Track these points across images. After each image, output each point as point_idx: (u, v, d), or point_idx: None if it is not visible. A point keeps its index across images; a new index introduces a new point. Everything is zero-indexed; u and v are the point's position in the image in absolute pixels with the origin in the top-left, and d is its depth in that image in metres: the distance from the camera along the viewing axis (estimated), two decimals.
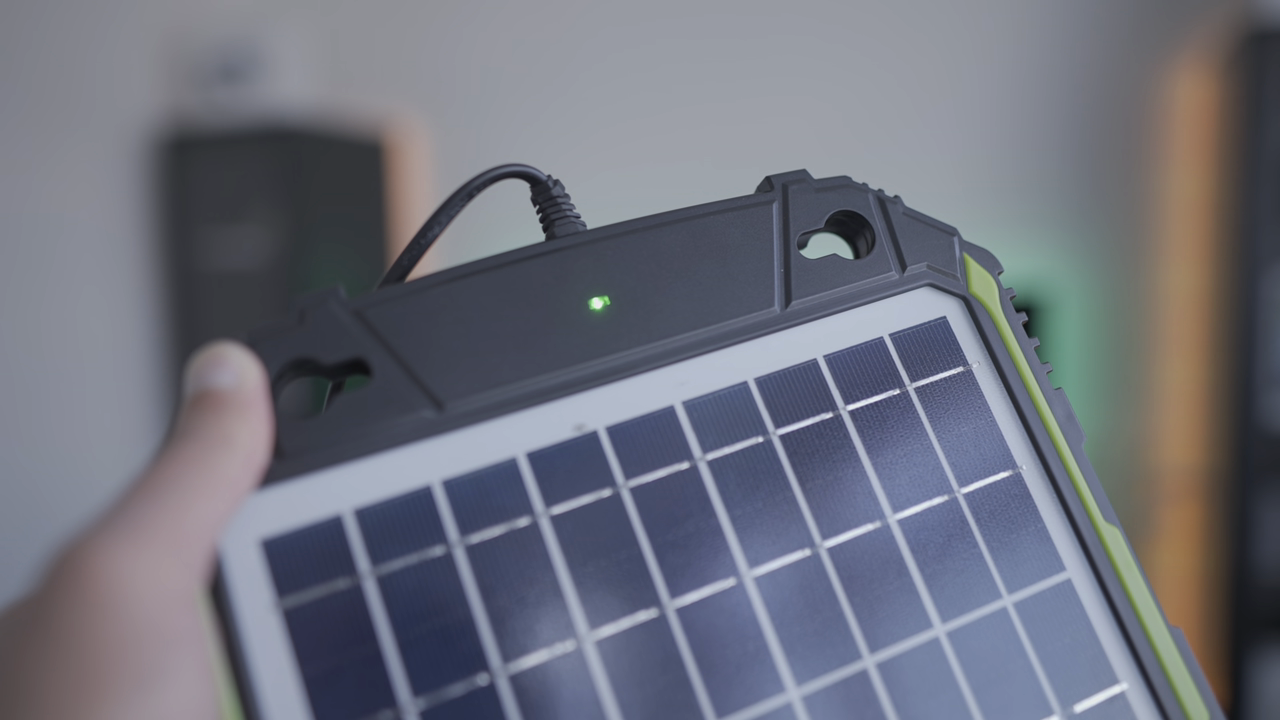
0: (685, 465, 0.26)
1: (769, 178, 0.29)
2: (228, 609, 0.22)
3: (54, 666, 0.19)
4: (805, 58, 2.12)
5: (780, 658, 0.24)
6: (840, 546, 0.26)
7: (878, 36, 2.07)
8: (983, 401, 0.28)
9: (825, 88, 2.11)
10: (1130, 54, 1.91)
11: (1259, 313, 1.63)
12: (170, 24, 2.51)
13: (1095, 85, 1.94)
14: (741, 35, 2.15)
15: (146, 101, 2.53)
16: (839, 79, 2.10)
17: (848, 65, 2.09)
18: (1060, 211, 1.97)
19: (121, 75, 2.54)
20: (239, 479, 0.22)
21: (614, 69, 2.23)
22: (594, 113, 2.25)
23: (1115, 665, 0.26)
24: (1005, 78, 1.99)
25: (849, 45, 2.09)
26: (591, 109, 2.26)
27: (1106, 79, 1.93)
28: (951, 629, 0.25)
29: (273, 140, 2.14)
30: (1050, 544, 0.27)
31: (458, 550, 0.24)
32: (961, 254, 0.29)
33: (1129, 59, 1.92)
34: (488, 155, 2.33)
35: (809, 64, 2.11)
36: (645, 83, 2.21)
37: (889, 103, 2.07)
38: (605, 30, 2.23)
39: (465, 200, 0.29)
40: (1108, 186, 1.95)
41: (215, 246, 2.22)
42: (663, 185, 2.21)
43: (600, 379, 0.26)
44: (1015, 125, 2.00)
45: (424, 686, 0.22)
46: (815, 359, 0.27)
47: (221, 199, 2.20)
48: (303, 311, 0.25)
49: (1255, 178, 1.59)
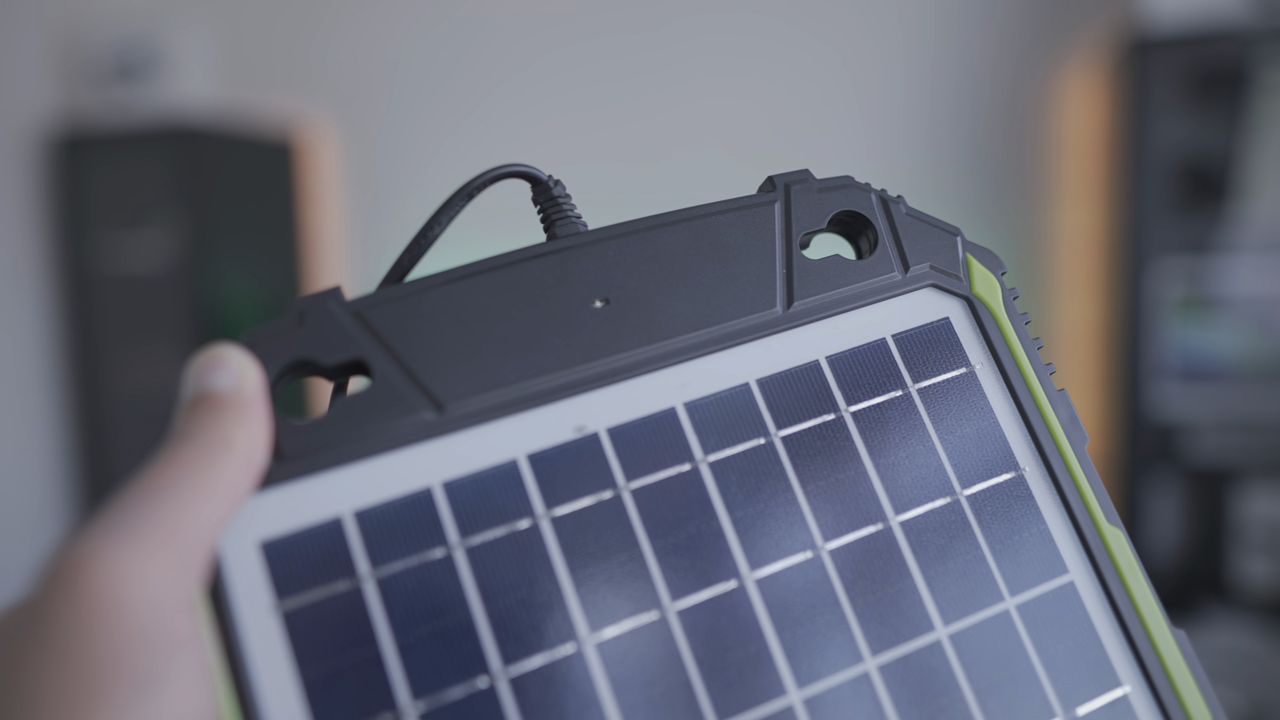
0: (687, 467, 0.25)
1: (771, 178, 0.29)
2: (227, 611, 0.22)
3: (51, 670, 0.19)
4: (712, 55, 2.11)
5: (782, 660, 0.24)
6: (843, 549, 0.25)
7: (785, 35, 2.08)
8: (985, 403, 0.28)
9: (732, 84, 2.10)
10: (1025, 59, 1.97)
11: (1146, 308, 1.71)
12: (64, 20, 2.41)
13: (993, 89, 1.99)
14: (651, 29, 2.13)
15: (39, 100, 2.42)
16: (746, 75, 2.10)
17: (755, 62, 2.09)
18: (958, 210, 2.00)
19: (12, 73, 2.43)
20: (238, 481, 0.22)
21: (526, 64, 2.19)
22: (507, 109, 2.21)
23: (1118, 668, 0.26)
24: (909, 78, 2.03)
25: (756, 43, 2.09)
26: (505, 106, 2.21)
27: (1003, 83, 1.98)
28: (954, 631, 0.25)
29: (173, 140, 2.03)
30: (1053, 546, 0.27)
31: (458, 552, 0.24)
32: (964, 254, 0.29)
33: (1024, 64, 1.97)
34: (398, 155, 2.28)
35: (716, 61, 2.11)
36: (559, 78, 2.18)
37: (801, 96, 2.08)
38: (517, 24, 2.19)
39: (465, 200, 0.28)
40: (1004, 189, 2.00)
41: (113, 251, 2.09)
42: (578, 181, 2.18)
43: (601, 380, 0.26)
44: (917, 125, 2.03)
45: (424, 689, 0.22)
46: (817, 360, 0.27)
47: (120, 201, 2.08)
48: (302, 312, 0.25)
49: (1141, 178, 1.68)
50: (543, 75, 2.20)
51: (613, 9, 2.16)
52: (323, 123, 2.32)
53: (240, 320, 2.15)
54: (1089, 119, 1.91)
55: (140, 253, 2.10)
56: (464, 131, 2.25)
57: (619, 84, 2.16)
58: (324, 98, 2.32)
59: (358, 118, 2.30)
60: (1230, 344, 1.71)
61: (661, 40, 2.14)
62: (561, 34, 2.19)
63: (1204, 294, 1.71)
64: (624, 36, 2.16)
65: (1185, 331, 1.72)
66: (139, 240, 2.10)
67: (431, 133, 2.27)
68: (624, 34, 2.16)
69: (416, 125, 2.28)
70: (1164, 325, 1.72)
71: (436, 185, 2.27)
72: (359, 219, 2.33)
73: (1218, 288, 1.71)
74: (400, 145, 2.29)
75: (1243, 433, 1.73)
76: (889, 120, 2.03)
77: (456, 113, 2.25)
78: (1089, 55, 1.91)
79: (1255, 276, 1.70)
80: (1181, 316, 1.72)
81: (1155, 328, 1.71)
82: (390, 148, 2.29)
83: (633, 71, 2.16)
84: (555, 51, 2.20)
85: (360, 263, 2.32)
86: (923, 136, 2.02)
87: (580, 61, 2.19)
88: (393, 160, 2.30)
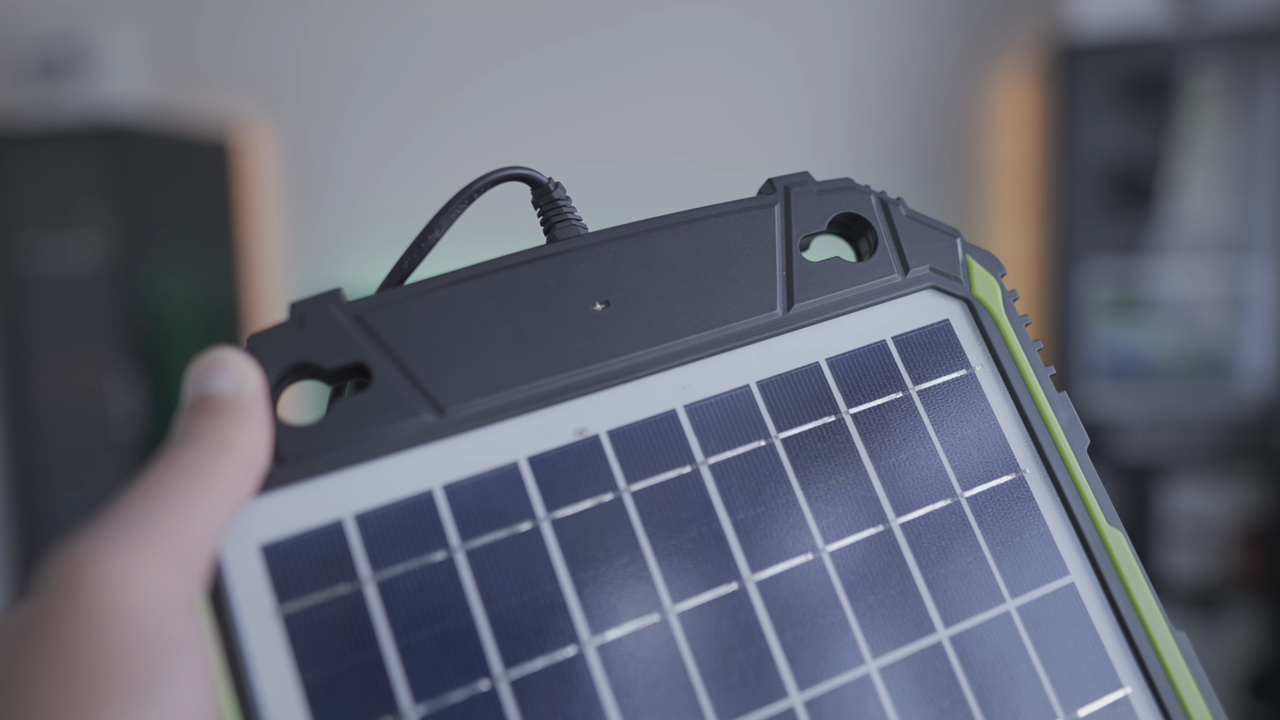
0: (687, 469, 0.25)
1: (771, 180, 0.29)
2: (228, 615, 0.22)
3: (52, 674, 0.19)
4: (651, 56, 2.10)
5: (783, 662, 0.24)
6: (842, 551, 0.25)
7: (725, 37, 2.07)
8: (985, 405, 0.28)
9: (670, 81, 2.10)
10: (961, 63, 2.00)
11: (1076, 308, 1.75)
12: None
13: (930, 92, 2.01)
14: (590, 30, 2.11)
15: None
16: (686, 72, 2.09)
17: (697, 58, 2.09)
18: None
19: None
20: (239, 485, 0.22)
21: (467, 63, 2.17)
22: (450, 110, 2.19)
23: (1119, 669, 0.26)
24: (849, 80, 2.05)
25: (697, 41, 2.08)
26: (447, 106, 2.19)
27: (940, 87, 2.00)
28: (954, 633, 0.25)
29: (104, 139, 1.95)
30: (1053, 547, 0.27)
31: (459, 555, 0.24)
32: (964, 256, 0.29)
33: (960, 68, 2.00)
34: (338, 156, 2.23)
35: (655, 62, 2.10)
36: (501, 76, 2.16)
37: (744, 96, 2.08)
38: (459, 23, 2.17)
39: (466, 203, 0.28)
40: (939, 190, 2.02)
41: (42, 253, 2.03)
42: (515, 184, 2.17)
43: (602, 383, 0.26)
44: (856, 126, 2.05)
45: (425, 692, 0.22)
46: (818, 362, 0.27)
47: (48, 202, 2.01)
48: (303, 315, 0.25)
49: (1071, 181, 1.72)
50: (485, 74, 2.17)
51: (555, 8, 2.14)
52: (260, 122, 2.26)
53: (174, 324, 2.08)
54: (1021, 123, 1.96)
55: (70, 255, 2.03)
56: (406, 132, 2.21)
57: (564, 85, 2.14)
58: (262, 97, 2.25)
59: (297, 118, 2.24)
60: (1158, 343, 1.77)
61: (607, 40, 2.13)
62: (505, 32, 2.16)
63: (1133, 295, 1.77)
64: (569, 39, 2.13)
65: (1115, 331, 1.78)
66: (69, 242, 2.03)
67: (372, 133, 2.22)
68: (569, 36, 2.13)
69: (357, 126, 2.23)
70: (1094, 325, 1.77)
71: (378, 186, 2.21)
72: (297, 221, 2.27)
73: (1146, 288, 1.77)
74: (340, 146, 2.24)
75: (1170, 430, 1.79)
76: (831, 118, 2.05)
77: (398, 113, 2.21)
78: (1021, 61, 1.95)
79: (1182, 277, 1.76)
80: (1111, 316, 1.78)
81: (1085, 327, 1.76)
82: (330, 148, 2.24)
83: (577, 72, 2.13)
84: (497, 50, 2.16)
85: (299, 265, 2.26)
86: (862, 138, 2.04)
87: (524, 60, 2.15)
88: (332, 161, 2.24)
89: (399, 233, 2.25)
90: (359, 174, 2.25)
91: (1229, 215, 1.72)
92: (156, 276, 2.04)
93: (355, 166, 2.25)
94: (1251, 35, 1.61)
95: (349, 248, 2.26)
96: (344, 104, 2.24)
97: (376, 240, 2.25)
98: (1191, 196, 1.74)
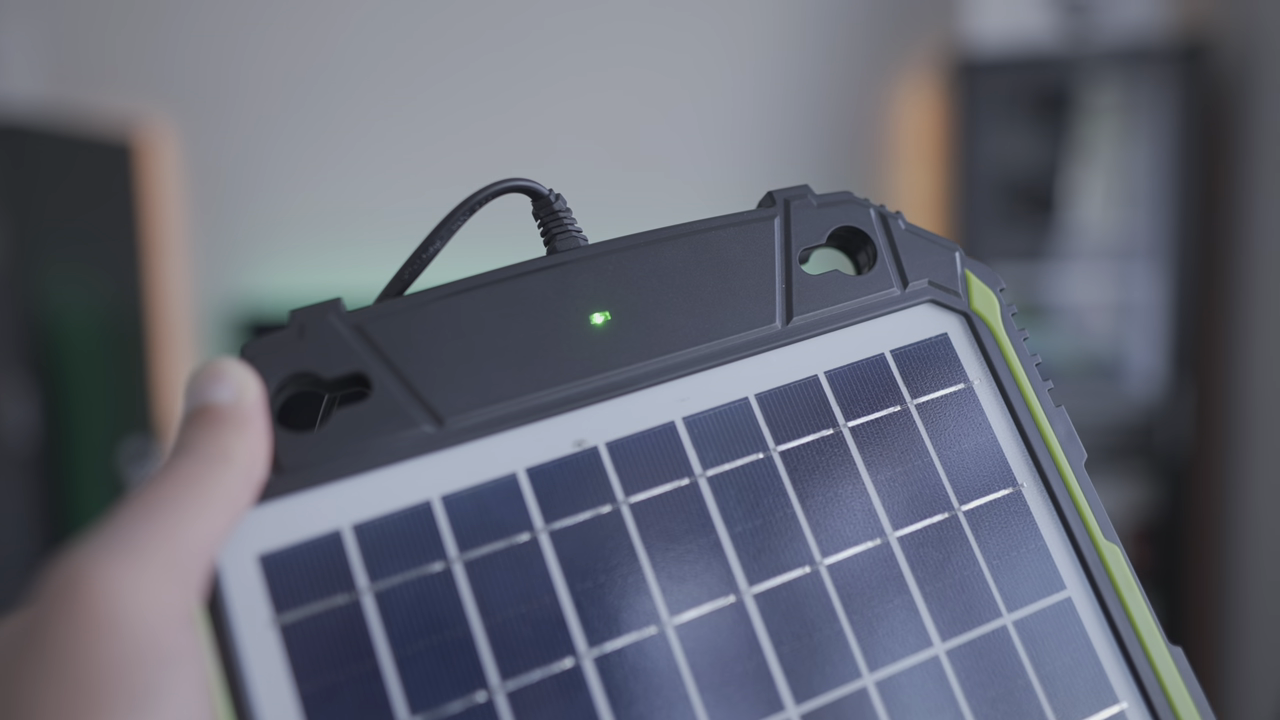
0: (685, 481, 0.25)
1: (771, 193, 0.29)
2: (225, 625, 0.22)
3: (49, 686, 0.19)
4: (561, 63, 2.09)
5: (779, 676, 0.24)
6: (840, 564, 0.25)
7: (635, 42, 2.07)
8: (983, 419, 0.28)
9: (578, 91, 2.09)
10: (866, 75, 2.03)
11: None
12: None
13: (837, 104, 2.05)
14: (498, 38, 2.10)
15: None
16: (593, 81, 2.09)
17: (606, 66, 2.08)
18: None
19: None
20: (237, 495, 0.22)
21: (377, 66, 2.14)
22: (357, 111, 2.15)
23: (1115, 684, 0.26)
24: (758, 87, 2.07)
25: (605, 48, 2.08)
26: (355, 108, 2.15)
27: (847, 98, 2.04)
28: (951, 647, 0.25)
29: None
30: (1050, 562, 0.27)
31: (457, 566, 0.24)
32: (963, 270, 0.29)
33: (865, 80, 2.03)
34: (243, 157, 2.17)
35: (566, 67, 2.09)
36: (410, 77, 2.13)
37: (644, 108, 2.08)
38: (368, 26, 2.14)
39: (467, 215, 0.28)
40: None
41: None
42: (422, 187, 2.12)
43: (601, 394, 0.26)
44: (765, 133, 2.07)
45: (422, 704, 0.22)
46: (816, 375, 0.27)
47: None
48: (302, 325, 0.25)
49: (971, 190, 1.79)
50: (395, 75, 2.14)
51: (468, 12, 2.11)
52: (163, 123, 2.20)
53: (70, 331, 2.01)
54: (925, 134, 2.01)
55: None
56: (313, 134, 2.16)
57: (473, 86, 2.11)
58: (165, 97, 2.19)
59: (201, 118, 2.18)
60: (1054, 348, 1.82)
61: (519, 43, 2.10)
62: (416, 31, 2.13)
63: (1030, 301, 1.82)
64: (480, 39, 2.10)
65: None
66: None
67: (280, 135, 2.17)
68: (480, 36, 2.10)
69: (264, 127, 2.17)
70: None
71: (286, 189, 2.15)
72: (202, 224, 2.22)
73: (1043, 295, 1.82)
74: (247, 147, 2.18)
75: None
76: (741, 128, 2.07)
77: (305, 114, 2.16)
78: (923, 74, 2.00)
79: (1078, 284, 1.82)
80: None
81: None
82: (236, 150, 2.18)
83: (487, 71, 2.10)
84: (409, 50, 2.13)
85: (202, 269, 2.19)
86: (771, 148, 2.06)
87: (433, 65, 2.12)
88: (238, 163, 2.18)
89: (307, 238, 2.18)
90: (265, 176, 2.19)
91: (1119, 224, 1.79)
92: (52, 281, 1.95)
93: (262, 169, 2.19)
94: (1135, 54, 1.69)
95: (256, 252, 2.20)
96: (250, 105, 2.18)
97: (284, 245, 2.19)
98: (1086, 206, 1.80)
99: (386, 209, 2.19)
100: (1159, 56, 1.68)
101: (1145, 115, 1.73)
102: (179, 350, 2.31)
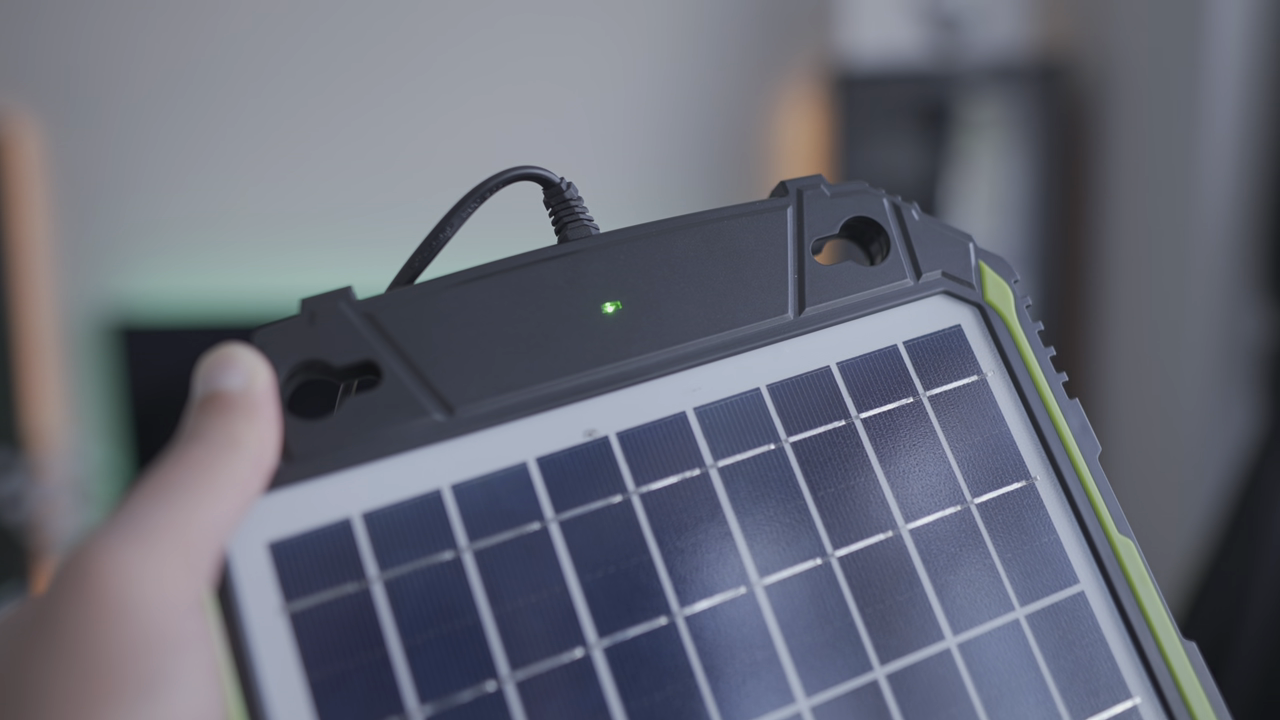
0: (696, 472, 0.25)
1: (784, 182, 0.29)
2: (235, 612, 0.22)
3: (60, 671, 0.19)
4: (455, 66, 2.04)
5: (790, 667, 0.24)
6: (852, 556, 0.25)
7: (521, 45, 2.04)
8: (997, 411, 0.28)
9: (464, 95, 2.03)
10: (749, 85, 2.04)
11: None
12: None
13: (721, 115, 2.04)
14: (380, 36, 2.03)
15: None
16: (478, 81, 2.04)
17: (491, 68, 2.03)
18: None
19: None
20: (247, 482, 0.22)
21: (251, 63, 2.05)
22: (237, 111, 2.06)
23: (1128, 679, 0.26)
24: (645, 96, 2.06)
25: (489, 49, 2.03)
26: (234, 107, 2.06)
27: (731, 110, 2.04)
28: (963, 640, 0.25)
29: None
30: (1063, 556, 0.26)
31: (466, 555, 0.24)
32: (977, 261, 0.29)
33: (748, 89, 2.03)
34: (114, 156, 2.07)
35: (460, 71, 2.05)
36: (284, 78, 2.05)
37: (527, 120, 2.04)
38: (242, 20, 2.04)
39: (478, 202, 0.28)
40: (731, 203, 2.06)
41: None
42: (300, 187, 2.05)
43: (612, 384, 0.26)
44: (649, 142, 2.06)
45: (431, 693, 0.22)
46: (828, 366, 0.27)
47: None
48: (313, 313, 0.25)
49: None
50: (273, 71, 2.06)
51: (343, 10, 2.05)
52: (25, 120, 2.10)
53: None
54: (809, 144, 2.05)
55: None
56: (189, 131, 2.08)
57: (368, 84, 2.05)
58: (25, 91, 2.08)
59: (68, 115, 2.07)
60: None
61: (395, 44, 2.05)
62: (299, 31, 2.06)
63: None
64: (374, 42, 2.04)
65: None
66: None
67: (152, 135, 2.08)
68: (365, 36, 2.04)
69: (135, 123, 2.08)
70: None
71: (158, 188, 2.07)
72: (69, 225, 2.13)
73: None
74: (116, 145, 2.08)
75: None
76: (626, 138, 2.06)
77: (180, 111, 2.08)
78: (805, 87, 2.02)
79: None
80: None
81: None
82: (104, 147, 2.08)
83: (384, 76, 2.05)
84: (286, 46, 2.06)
85: (70, 273, 2.10)
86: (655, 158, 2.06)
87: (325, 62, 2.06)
88: (107, 161, 2.08)
89: (183, 239, 2.10)
90: (138, 175, 2.11)
91: (994, 234, 1.84)
92: None
93: (134, 168, 2.11)
94: (1003, 71, 1.76)
95: (129, 255, 2.11)
96: (121, 100, 2.08)
97: (159, 247, 2.11)
98: (965, 216, 1.85)
99: (266, 210, 2.09)
100: (1023, 74, 1.77)
101: (1016, 130, 1.82)
102: (47, 358, 2.20)
